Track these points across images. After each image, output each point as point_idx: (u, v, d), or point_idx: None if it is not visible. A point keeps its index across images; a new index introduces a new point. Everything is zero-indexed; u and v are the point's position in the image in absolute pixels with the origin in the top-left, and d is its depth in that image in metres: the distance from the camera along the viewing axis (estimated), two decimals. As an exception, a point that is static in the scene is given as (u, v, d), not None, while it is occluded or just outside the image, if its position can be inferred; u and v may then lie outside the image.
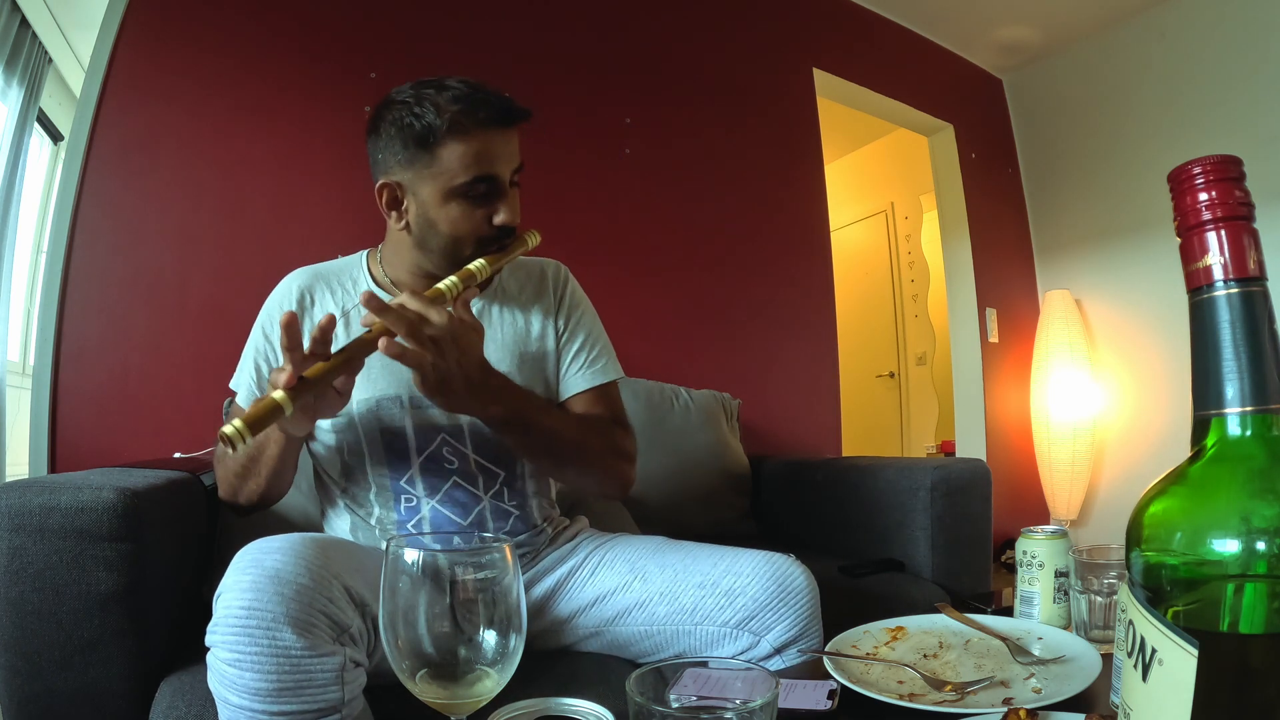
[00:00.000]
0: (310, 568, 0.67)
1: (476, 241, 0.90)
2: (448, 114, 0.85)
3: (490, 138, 0.87)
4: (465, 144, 0.86)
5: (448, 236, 0.89)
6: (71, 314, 1.41)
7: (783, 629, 0.87)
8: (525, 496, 0.98)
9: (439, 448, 0.93)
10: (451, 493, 0.93)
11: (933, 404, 3.88)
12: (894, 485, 1.45)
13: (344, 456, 0.93)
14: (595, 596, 0.95)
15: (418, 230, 0.91)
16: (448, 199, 0.88)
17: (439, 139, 0.85)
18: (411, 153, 0.87)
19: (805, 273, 2.52)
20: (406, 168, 0.88)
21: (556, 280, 1.05)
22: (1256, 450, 0.32)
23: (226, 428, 0.65)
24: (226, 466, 0.89)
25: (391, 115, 0.88)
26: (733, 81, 2.45)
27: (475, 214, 0.89)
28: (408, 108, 0.87)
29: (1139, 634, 0.32)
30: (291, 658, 0.63)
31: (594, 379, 1.01)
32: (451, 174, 0.86)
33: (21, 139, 2.23)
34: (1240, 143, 2.52)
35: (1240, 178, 0.33)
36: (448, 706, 0.47)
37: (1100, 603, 0.74)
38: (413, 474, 0.92)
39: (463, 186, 0.87)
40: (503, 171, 0.90)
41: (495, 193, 0.89)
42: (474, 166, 0.87)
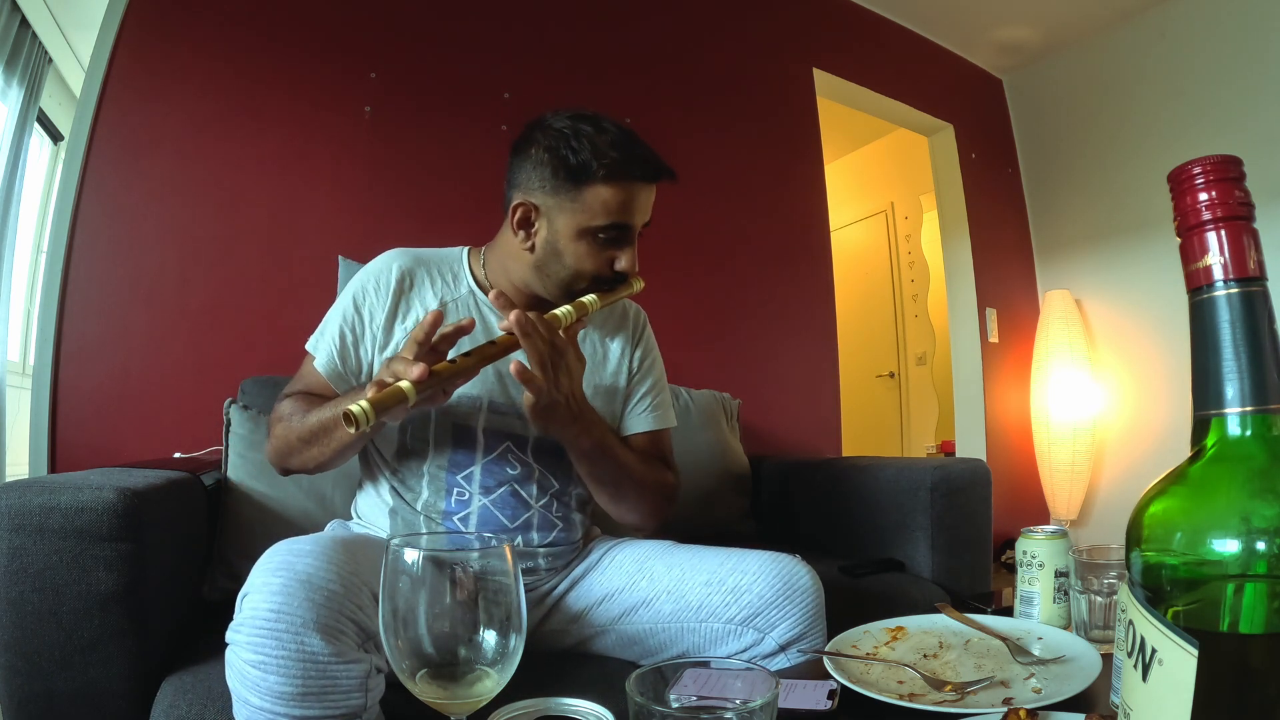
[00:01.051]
0: (341, 574, 0.67)
1: (593, 280, 0.93)
2: (606, 159, 0.88)
3: (637, 190, 0.91)
4: (614, 191, 0.89)
5: (571, 270, 0.92)
6: (71, 314, 1.41)
7: (787, 626, 0.88)
8: (570, 510, 1.00)
9: (504, 453, 0.95)
10: (505, 495, 0.94)
11: (933, 404, 3.88)
12: (894, 485, 1.45)
13: (406, 438, 0.94)
14: (603, 594, 0.96)
15: (541, 254, 0.93)
16: (581, 236, 0.91)
17: (591, 178, 0.88)
18: (559, 182, 0.89)
19: (805, 273, 2.53)
20: (549, 194, 0.90)
21: (637, 323, 1.10)
22: (1256, 450, 0.32)
23: (353, 406, 0.67)
24: (291, 428, 0.88)
25: (547, 141, 0.91)
26: (733, 81, 2.45)
27: (601, 255, 0.92)
28: (565, 139, 0.89)
29: (1139, 634, 0.32)
30: (318, 663, 0.63)
31: (655, 423, 1.06)
32: (592, 214, 0.90)
33: (21, 139, 2.23)
34: (1240, 142, 2.52)
35: (1240, 178, 0.33)
36: (448, 706, 0.47)
37: (1100, 603, 0.74)
38: (472, 472, 0.94)
39: (599, 229, 0.90)
40: (637, 222, 0.94)
41: (624, 240, 0.93)
42: (616, 213, 0.90)
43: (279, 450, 0.91)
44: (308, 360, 0.96)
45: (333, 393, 0.92)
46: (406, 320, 0.95)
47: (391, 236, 1.78)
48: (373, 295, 0.96)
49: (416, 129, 1.82)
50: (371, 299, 0.96)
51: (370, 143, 1.75)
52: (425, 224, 1.79)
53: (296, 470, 0.92)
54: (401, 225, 1.76)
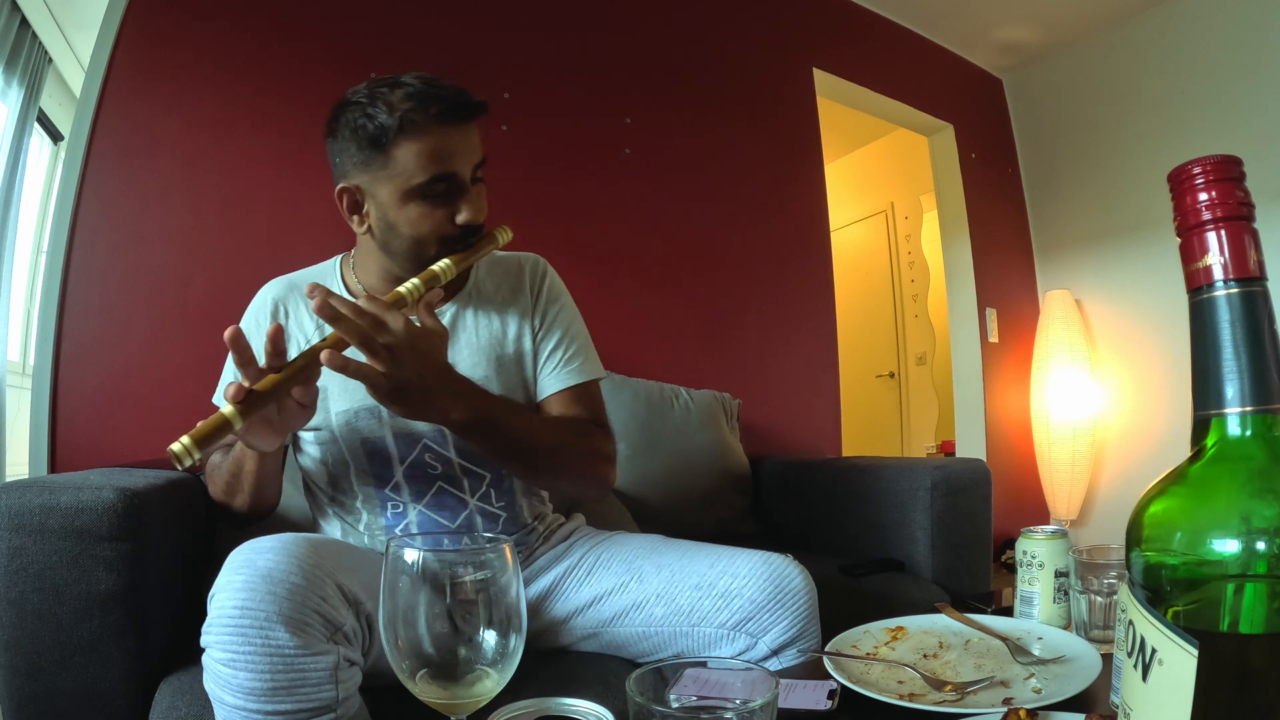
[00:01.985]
0: (303, 567, 0.67)
1: (440, 242, 0.87)
2: (399, 112, 0.82)
3: (446, 134, 0.85)
4: (420, 142, 0.83)
5: (409, 238, 0.87)
6: (71, 314, 1.41)
7: (780, 630, 0.87)
8: (513, 496, 0.97)
9: (420, 454, 0.92)
10: (437, 497, 0.93)
11: (933, 404, 3.88)
12: (894, 485, 1.45)
13: (329, 468, 0.94)
14: (592, 597, 0.95)
15: (380, 234, 0.89)
16: (406, 200, 0.85)
17: (392, 139, 0.83)
18: (367, 154, 0.85)
19: (805, 273, 2.52)
20: (363, 170, 0.86)
21: (534, 276, 1.02)
22: (1256, 450, 0.32)
23: (174, 444, 0.63)
24: (214, 482, 0.90)
25: (346, 117, 0.86)
26: (733, 81, 2.45)
27: (436, 214, 0.86)
28: (361, 108, 0.84)
29: (1139, 634, 0.32)
30: (285, 657, 0.63)
31: (570, 379, 0.98)
32: (408, 174, 0.84)
33: (21, 139, 2.23)
34: (1240, 142, 2.53)
35: (1240, 177, 0.33)
36: (448, 706, 0.47)
37: (1100, 603, 0.74)
38: (397, 481, 0.92)
39: (420, 187, 0.84)
40: (462, 168, 0.86)
41: (456, 191, 0.87)
42: (431, 165, 0.84)
43: (218, 504, 0.92)
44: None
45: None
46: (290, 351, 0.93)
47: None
48: (255, 335, 0.93)
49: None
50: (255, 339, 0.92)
51: (370, 143, 1.75)
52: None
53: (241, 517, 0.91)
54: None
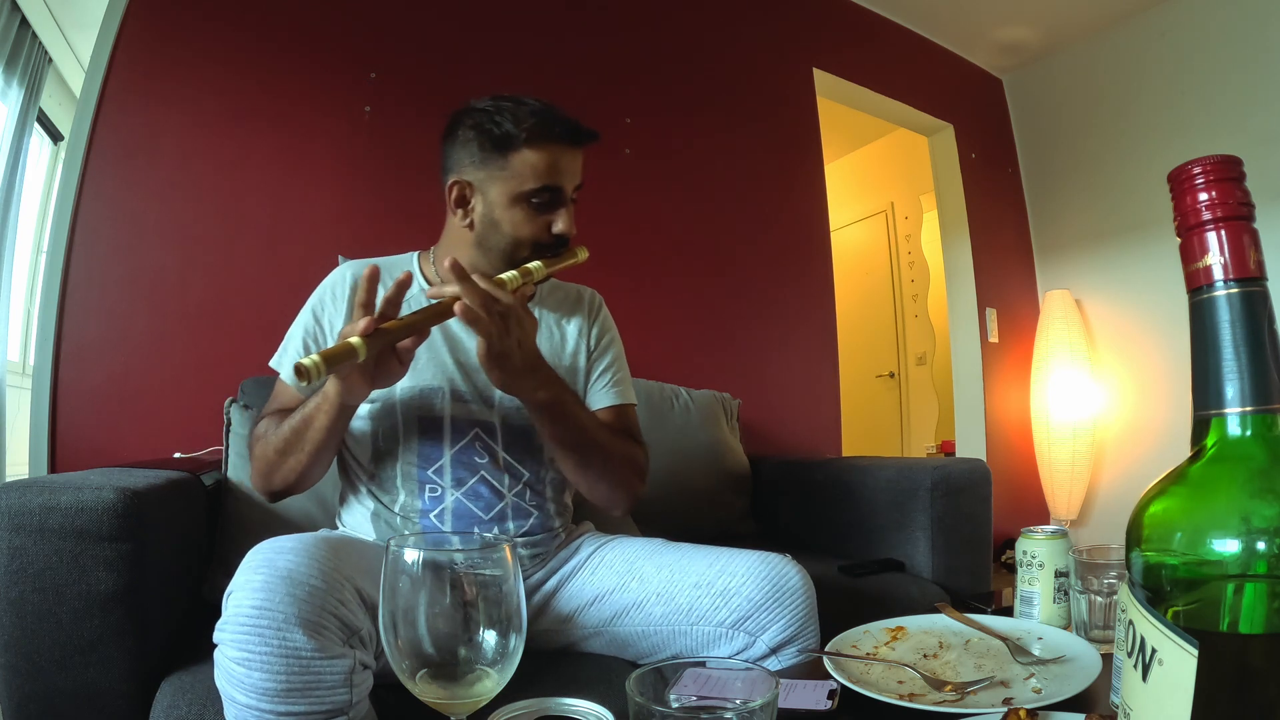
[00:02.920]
0: (323, 569, 0.67)
1: (534, 246, 0.95)
2: (526, 124, 0.92)
3: (561, 152, 0.94)
4: (538, 154, 0.93)
5: (509, 237, 0.95)
6: (71, 314, 1.41)
7: (778, 629, 0.87)
8: (544, 499, 1.01)
9: (471, 441, 0.96)
10: (476, 487, 0.95)
11: (933, 404, 3.88)
12: (894, 485, 1.45)
13: (377, 441, 0.95)
14: (594, 596, 0.96)
15: (481, 228, 0.96)
16: (514, 202, 0.94)
17: (515, 145, 0.92)
18: (487, 154, 0.93)
19: (805, 273, 2.53)
20: (479, 168, 0.94)
21: (592, 304, 1.12)
22: (1256, 450, 0.32)
23: (304, 360, 0.67)
24: (268, 443, 0.89)
25: (471, 120, 0.95)
26: (733, 81, 2.45)
27: (537, 220, 0.95)
28: (488, 115, 0.94)
29: (1139, 634, 0.32)
30: (301, 659, 0.63)
31: (616, 397, 1.07)
32: (522, 179, 0.93)
33: (21, 139, 2.23)
34: (1240, 142, 2.52)
35: (1240, 177, 0.33)
36: (448, 706, 0.47)
37: (1100, 603, 0.74)
38: (443, 464, 0.94)
39: (530, 193, 0.93)
40: (567, 185, 0.96)
41: (557, 203, 0.96)
42: (544, 176, 0.93)
43: (261, 471, 0.91)
44: (277, 380, 0.98)
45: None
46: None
47: (391, 236, 1.78)
48: (330, 305, 0.98)
49: (416, 129, 1.82)
50: (330, 309, 0.98)
51: (370, 143, 1.75)
52: (425, 224, 1.77)
53: (280, 487, 0.91)
54: (401, 225, 1.75)
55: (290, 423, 0.87)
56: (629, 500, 1.02)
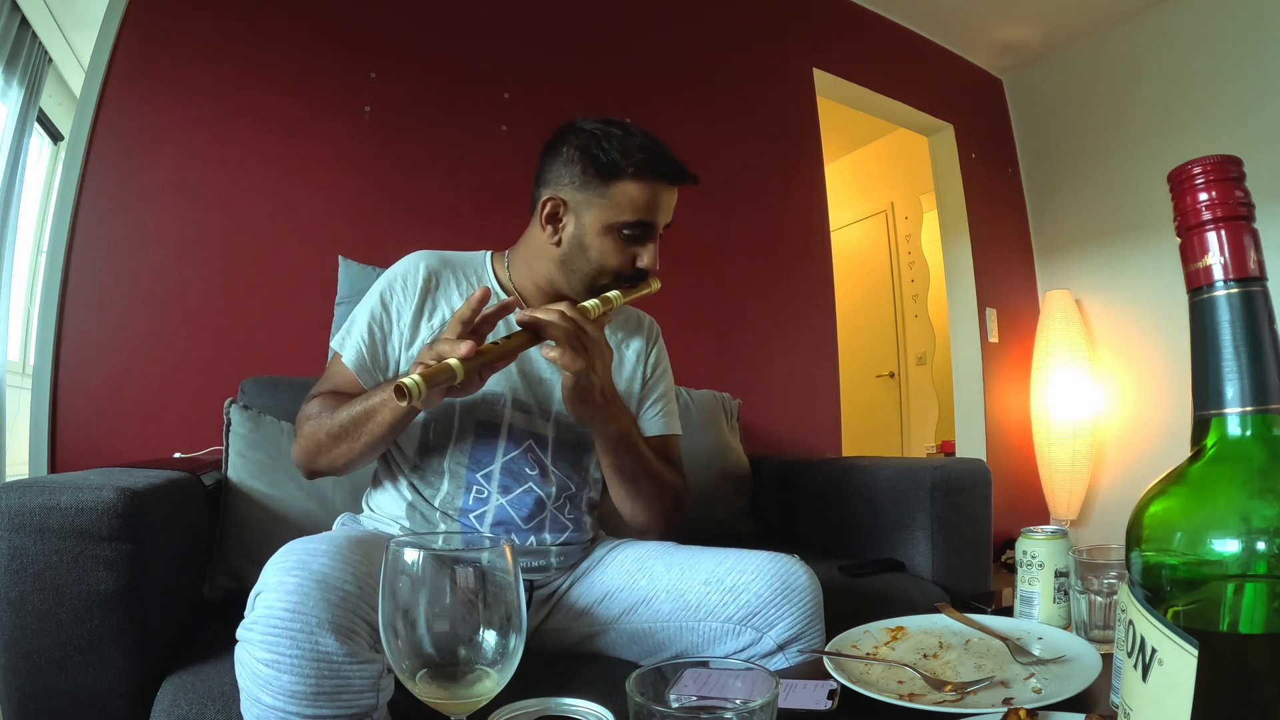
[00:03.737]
0: (356, 574, 0.67)
1: (616, 276, 0.96)
2: (635, 158, 0.92)
3: (661, 190, 0.95)
4: (641, 188, 0.93)
5: (595, 264, 0.95)
6: (71, 314, 1.41)
7: (785, 625, 0.88)
8: (581, 513, 1.02)
9: (524, 452, 0.97)
10: (522, 496, 0.95)
11: (933, 404, 3.88)
12: (894, 485, 1.45)
13: (429, 435, 0.95)
14: (604, 593, 0.97)
15: (568, 249, 0.96)
16: (607, 231, 0.94)
17: (619, 176, 0.92)
18: (589, 178, 0.93)
19: (805, 273, 2.53)
20: (578, 190, 0.94)
21: (651, 332, 1.14)
22: (1256, 450, 0.32)
23: (405, 380, 0.69)
24: (320, 426, 0.88)
25: (579, 140, 0.94)
26: (733, 81, 2.45)
27: (625, 252, 0.96)
28: (596, 139, 0.93)
29: (1139, 634, 0.32)
30: (333, 663, 0.63)
31: (665, 427, 1.09)
32: (619, 210, 0.93)
33: (21, 139, 2.23)
34: (1240, 142, 2.52)
35: (1240, 177, 0.33)
36: (448, 706, 0.47)
37: (1100, 603, 0.74)
38: (492, 470, 0.95)
39: (625, 224, 0.94)
40: (660, 221, 0.97)
41: (647, 238, 0.96)
42: (642, 210, 0.94)
43: (307, 450, 0.91)
44: (334, 359, 0.97)
45: (360, 390, 0.92)
46: (433, 319, 0.97)
47: (391, 236, 1.79)
48: (400, 293, 0.98)
49: (416, 129, 1.82)
50: (399, 297, 0.97)
51: (370, 143, 1.75)
52: (425, 224, 1.79)
53: (324, 470, 0.92)
54: (401, 225, 1.76)
55: (350, 411, 0.86)
56: (665, 529, 1.05)
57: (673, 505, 1.04)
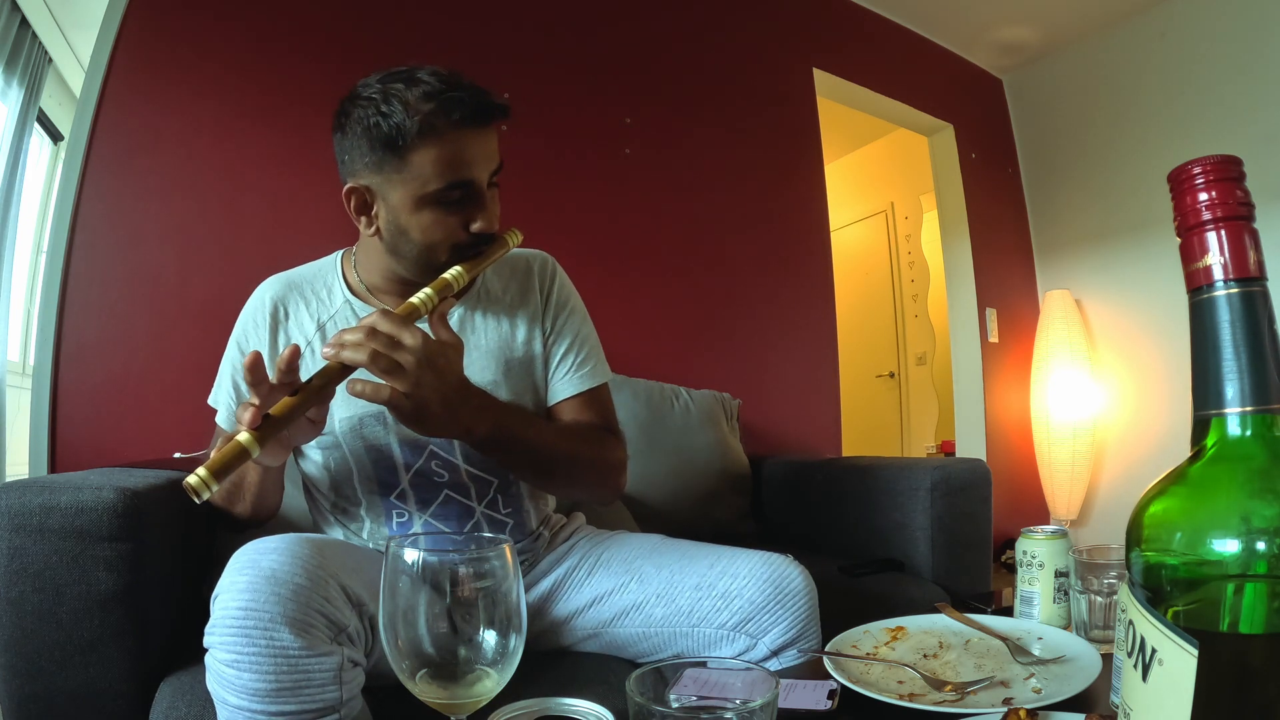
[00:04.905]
0: (306, 568, 0.67)
1: (452, 249, 0.84)
2: (418, 114, 0.78)
3: (466, 139, 0.81)
4: (438, 147, 0.79)
5: (421, 245, 0.84)
6: (71, 314, 1.41)
7: (780, 631, 0.87)
8: (520, 502, 0.96)
9: (427, 462, 0.90)
10: (444, 506, 0.91)
11: (933, 404, 3.88)
12: (894, 485, 1.45)
13: (331, 474, 0.91)
14: (592, 598, 0.95)
15: (389, 237, 0.86)
16: (420, 206, 0.82)
17: (409, 142, 0.79)
18: (380, 156, 0.81)
19: (805, 273, 2.52)
20: (375, 171, 0.82)
21: (543, 276, 1.00)
22: (1256, 450, 0.32)
23: (190, 478, 0.61)
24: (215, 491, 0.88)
25: (358, 113, 0.82)
26: (733, 81, 2.44)
27: (450, 221, 0.83)
28: (374, 105, 0.80)
29: (1139, 634, 0.32)
30: (289, 658, 0.63)
31: (582, 384, 0.97)
32: (424, 180, 0.80)
33: (21, 139, 2.23)
34: (1240, 142, 2.52)
35: (1240, 177, 0.33)
36: (448, 706, 0.47)
37: (1100, 603, 0.74)
38: (403, 489, 0.90)
39: (436, 193, 0.81)
40: (480, 175, 0.83)
41: (471, 198, 0.83)
42: (448, 172, 0.80)
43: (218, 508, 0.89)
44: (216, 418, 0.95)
45: None
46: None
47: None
48: (253, 335, 0.92)
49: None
50: (253, 339, 0.92)
51: (370, 143, 1.75)
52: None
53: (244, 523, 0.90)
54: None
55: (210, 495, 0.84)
56: (609, 496, 0.97)
57: (605, 474, 0.93)
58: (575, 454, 0.90)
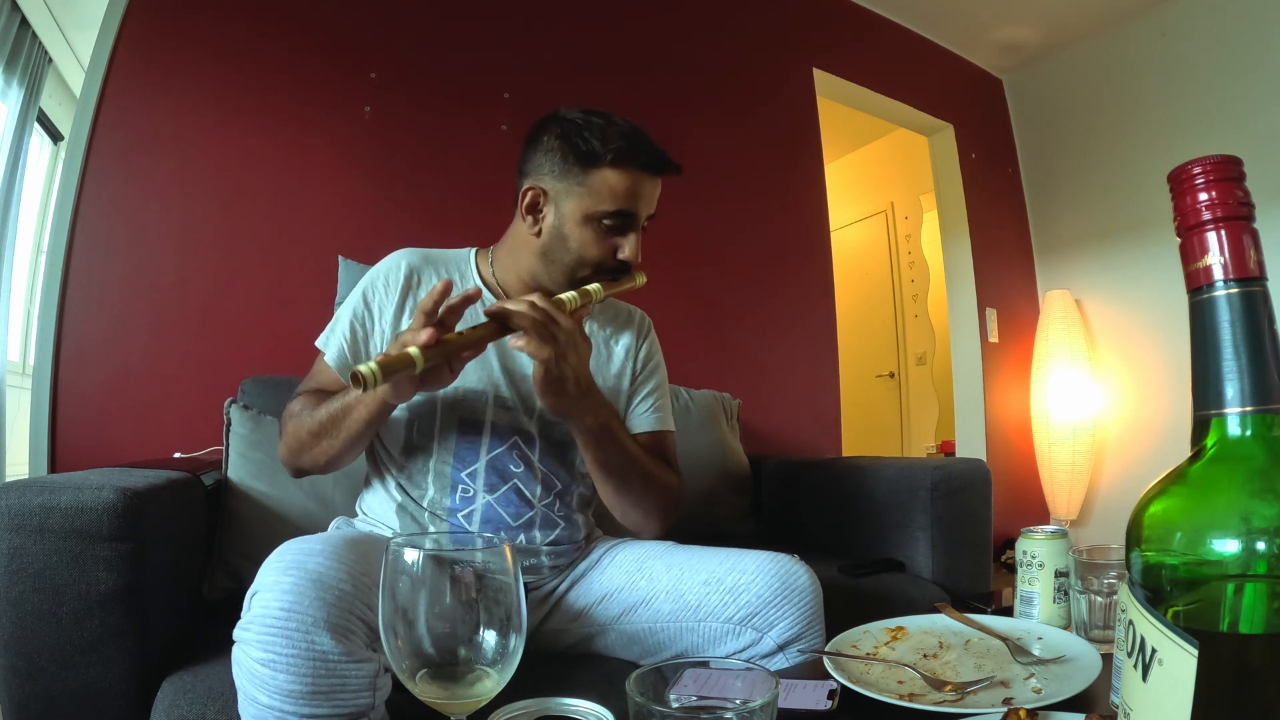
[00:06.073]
0: (352, 573, 0.67)
1: (596, 267, 0.94)
2: (614, 145, 0.91)
3: (642, 179, 0.93)
4: (620, 176, 0.91)
5: (575, 254, 0.94)
6: (71, 314, 1.41)
7: (785, 626, 0.88)
8: (572, 510, 1.01)
9: (509, 449, 0.95)
10: (508, 494, 0.94)
11: (933, 404, 3.88)
12: (894, 485, 1.45)
13: (412, 433, 0.94)
14: (604, 593, 0.96)
15: (548, 239, 0.95)
16: (586, 221, 0.92)
17: (598, 164, 0.91)
18: (569, 167, 0.92)
19: (805, 273, 2.53)
20: (558, 179, 0.93)
21: (642, 327, 1.12)
22: (1256, 450, 0.32)
23: (361, 367, 0.67)
24: (301, 423, 0.88)
25: (559, 129, 0.93)
26: (733, 81, 2.45)
27: (605, 242, 0.94)
28: (576, 127, 0.92)
29: (1139, 634, 0.32)
30: (329, 662, 0.63)
31: (657, 423, 1.06)
32: (599, 198, 0.92)
33: (21, 139, 2.23)
34: (1240, 142, 2.52)
35: (1240, 178, 0.33)
36: (448, 706, 0.47)
37: (1100, 603, 0.74)
38: (476, 469, 0.94)
39: (605, 213, 0.92)
40: (642, 211, 0.95)
41: (628, 228, 0.95)
42: (621, 199, 0.92)
43: (290, 448, 0.91)
44: (319, 358, 0.97)
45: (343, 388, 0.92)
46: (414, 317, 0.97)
47: (391, 236, 1.78)
48: (382, 291, 0.97)
49: (416, 129, 1.82)
50: (381, 295, 0.97)
51: (370, 143, 1.75)
52: (425, 224, 1.79)
53: (308, 468, 0.92)
54: (401, 225, 1.76)
55: (329, 408, 0.86)
56: (660, 528, 1.03)
57: (666, 504, 1.01)
58: (651, 474, 0.98)
